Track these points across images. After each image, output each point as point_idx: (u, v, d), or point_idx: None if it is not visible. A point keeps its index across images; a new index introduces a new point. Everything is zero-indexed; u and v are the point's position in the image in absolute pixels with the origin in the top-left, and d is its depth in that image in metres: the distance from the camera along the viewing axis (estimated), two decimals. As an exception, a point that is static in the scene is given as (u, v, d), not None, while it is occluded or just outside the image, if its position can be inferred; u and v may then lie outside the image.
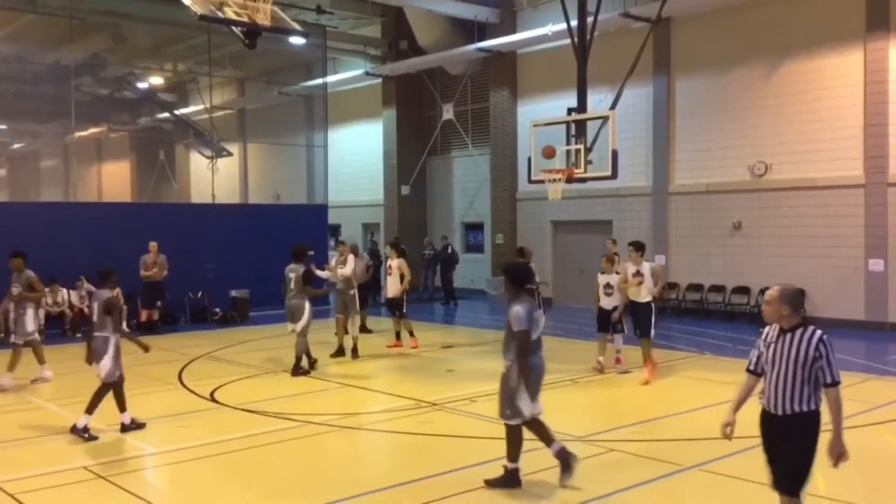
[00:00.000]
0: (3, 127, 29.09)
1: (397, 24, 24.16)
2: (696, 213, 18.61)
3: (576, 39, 15.83)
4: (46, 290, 16.00)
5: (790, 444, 4.82)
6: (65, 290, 16.36)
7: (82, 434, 8.28)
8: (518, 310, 6.36)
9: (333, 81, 24.85)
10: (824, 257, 16.54)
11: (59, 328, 16.25)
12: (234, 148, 26.53)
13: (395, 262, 14.09)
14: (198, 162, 27.96)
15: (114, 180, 33.86)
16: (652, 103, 19.22)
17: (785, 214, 17.08)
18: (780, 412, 4.83)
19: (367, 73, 25.12)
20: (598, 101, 16.89)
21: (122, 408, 8.61)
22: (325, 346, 13.23)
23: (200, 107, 25.44)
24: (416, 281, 23.79)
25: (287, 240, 17.36)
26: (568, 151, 15.29)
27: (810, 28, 16.65)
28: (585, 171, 14.98)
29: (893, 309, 15.72)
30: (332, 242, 25.79)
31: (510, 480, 6.55)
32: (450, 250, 23.00)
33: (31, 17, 19.73)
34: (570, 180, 15.20)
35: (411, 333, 14.10)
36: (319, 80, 23.49)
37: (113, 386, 8.54)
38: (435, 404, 9.64)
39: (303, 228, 19.92)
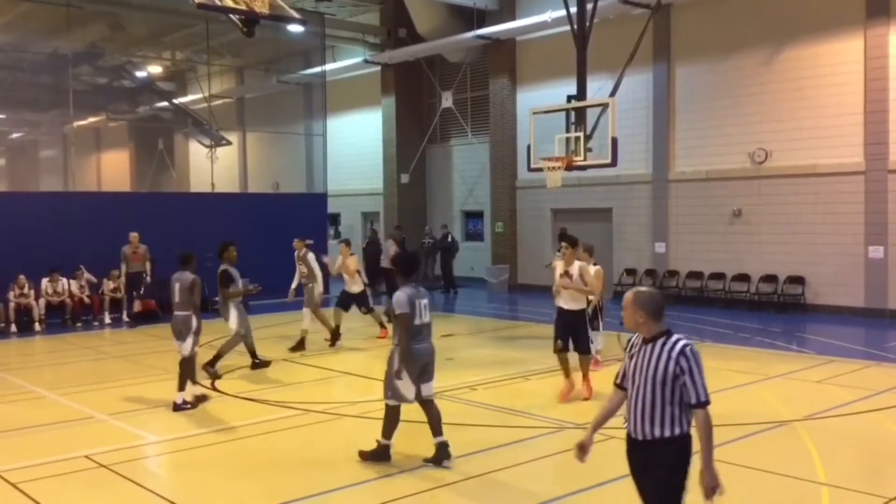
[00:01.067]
0: (2, 116, 29.00)
1: (396, 11, 24.04)
2: (696, 200, 18.58)
3: (575, 26, 15.79)
4: (46, 280, 16.11)
5: (652, 475, 4.06)
6: (65, 280, 16.33)
7: (184, 407, 8.92)
8: (399, 295, 6.82)
9: (332, 69, 24.77)
10: (824, 244, 16.54)
11: (60, 318, 16.25)
12: (232, 137, 26.47)
13: (350, 260, 13.68)
14: (197, 151, 27.88)
15: (113, 170, 33.84)
16: (652, 90, 19.15)
17: (785, 201, 17.06)
18: (640, 437, 4.04)
19: (366, 61, 25.03)
20: (597, 88, 16.84)
21: (181, 386, 9.06)
22: (289, 341, 13.24)
23: (199, 95, 25.37)
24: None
25: (286, 229, 17.41)
26: (567, 139, 15.29)
27: (811, 14, 16.58)
28: (585, 159, 14.98)
29: (893, 296, 15.72)
30: (331, 231, 25.92)
31: (381, 454, 6.97)
32: (450, 239, 22.99)
33: (29, 6, 19.65)
34: (569, 168, 15.18)
35: (382, 325, 14.02)
36: (318, 69, 23.41)
37: (186, 360, 9.06)
38: (435, 392, 9.62)
39: (302, 217, 19.85)
